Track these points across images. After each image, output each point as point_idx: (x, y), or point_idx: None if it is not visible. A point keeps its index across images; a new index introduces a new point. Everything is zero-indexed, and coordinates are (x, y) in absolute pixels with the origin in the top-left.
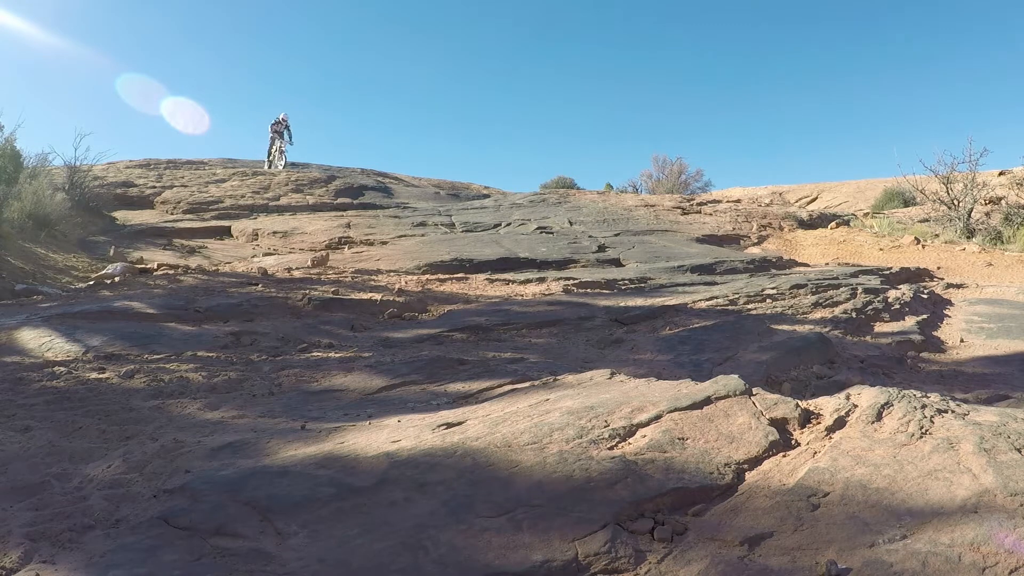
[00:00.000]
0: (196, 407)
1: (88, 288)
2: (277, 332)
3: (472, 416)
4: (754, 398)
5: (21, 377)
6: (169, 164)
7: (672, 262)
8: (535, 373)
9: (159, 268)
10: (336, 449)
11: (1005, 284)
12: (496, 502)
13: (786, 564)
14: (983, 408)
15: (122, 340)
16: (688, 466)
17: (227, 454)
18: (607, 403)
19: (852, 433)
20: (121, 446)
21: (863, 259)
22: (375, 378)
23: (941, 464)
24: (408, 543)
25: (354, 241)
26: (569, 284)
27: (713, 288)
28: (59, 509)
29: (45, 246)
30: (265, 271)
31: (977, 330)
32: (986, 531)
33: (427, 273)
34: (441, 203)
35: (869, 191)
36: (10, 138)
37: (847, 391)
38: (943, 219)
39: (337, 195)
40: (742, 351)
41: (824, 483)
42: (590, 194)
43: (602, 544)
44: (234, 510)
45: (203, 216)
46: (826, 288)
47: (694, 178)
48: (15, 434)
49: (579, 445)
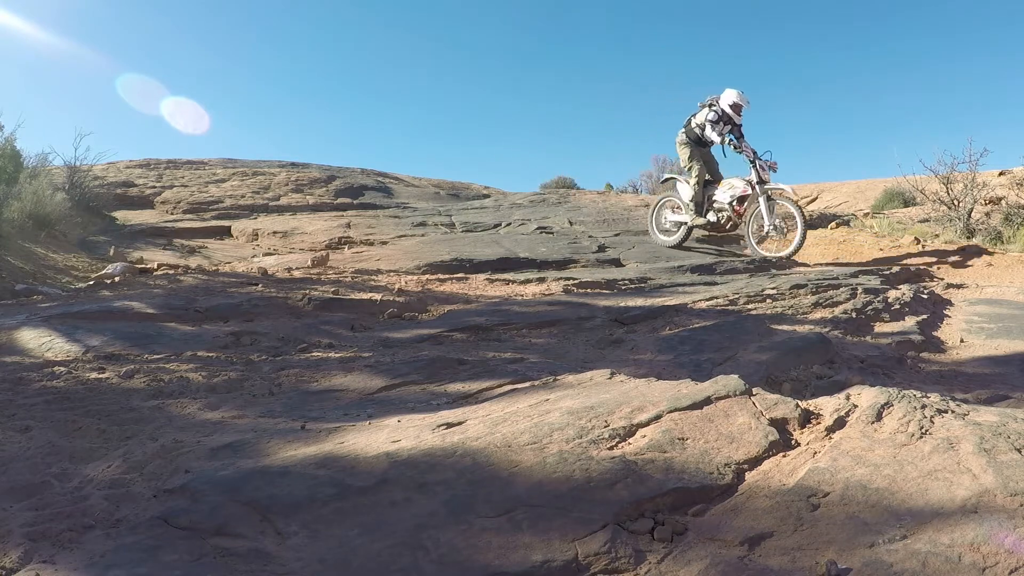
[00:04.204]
0: (196, 407)
1: (88, 288)
2: (277, 332)
3: (472, 416)
4: (754, 398)
5: (21, 377)
6: (169, 164)
7: (672, 262)
8: (535, 373)
9: (159, 268)
10: (336, 449)
11: (1005, 284)
12: (496, 502)
13: (786, 564)
14: (983, 408)
15: (122, 340)
16: (688, 466)
17: (227, 454)
18: (607, 403)
19: (852, 433)
20: (121, 446)
21: (863, 259)
22: (375, 378)
23: (941, 464)
24: (408, 543)
25: (354, 241)
26: (569, 284)
27: (713, 288)
28: (59, 509)
29: (45, 246)
30: (265, 271)
31: (977, 330)
32: (986, 531)
33: (427, 273)
34: (441, 203)
35: (869, 191)
36: (10, 138)
37: (847, 391)
38: (943, 219)
39: (337, 195)
40: (742, 351)
41: (824, 483)
42: (590, 194)
43: (602, 544)
44: (234, 510)
45: (203, 216)
46: (826, 288)
47: None
48: (15, 434)
49: (579, 445)
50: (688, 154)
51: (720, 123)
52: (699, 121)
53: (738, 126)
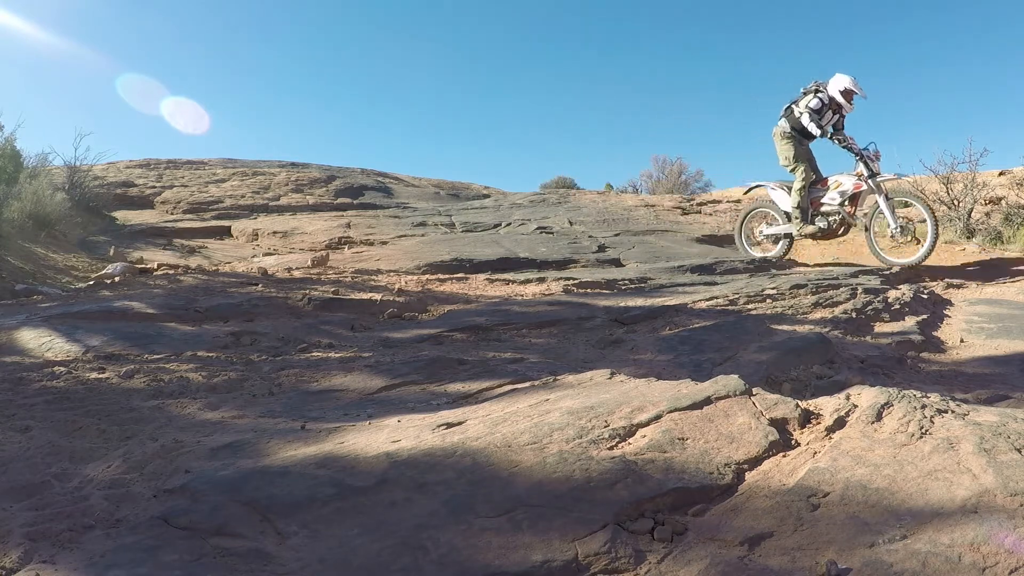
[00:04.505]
0: (196, 407)
1: (88, 288)
2: (277, 332)
3: (472, 416)
4: (754, 398)
5: (21, 377)
6: (169, 164)
7: (672, 262)
8: (535, 373)
9: (159, 268)
10: (336, 449)
11: (1005, 284)
12: (496, 502)
13: (786, 564)
14: (983, 408)
15: (122, 340)
16: (688, 466)
17: (227, 454)
18: (607, 403)
19: (852, 433)
20: (121, 446)
21: (863, 259)
22: (375, 378)
23: (941, 464)
24: (408, 543)
25: (354, 241)
26: (569, 284)
27: (713, 288)
28: (59, 509)
29: (45, 246)
30: (265, 271)
31: (977, 330)
32: (986, 531)
33: (427, 273)
34: (441, 203)
35: None
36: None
37: (847, 391)
38: (943, 219)
39: (337, 195)
40: (742, 351)
41: (824, 483)
42: (590, 194)
43: (602, 544)
44: (234, 510)
45: (203, 216)
46: (826, 288)
47: (694, 178)
48: (15, 434)
49: (579, 445)
50: (792, 152)
51: (823, 113)
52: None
53: (843, 116)
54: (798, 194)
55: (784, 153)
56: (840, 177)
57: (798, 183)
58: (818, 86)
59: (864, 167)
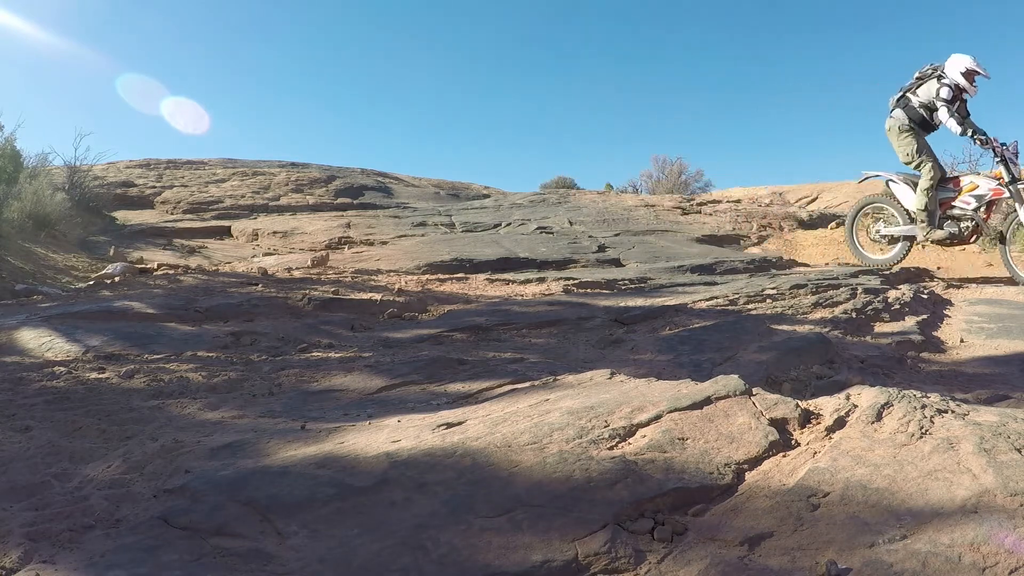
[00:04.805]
0: (196, 407)
1: (88, 288)
2: (277, 332)
3: (472, 416)
4: (754, 398)
5: (21, 377)
6: (169, 164)
7: (672, 262)
8: (535, 373)
9: (159, 268)
10: (336, 449)
11: (1005, 284)
12: (496, 502)
13: (786, 564)
14: (983, 408)
15: (122, 340)
16: (688, 466)
17: (227, 454)
18: (607, 403)
19: (852, 433)
20: (121, 446)
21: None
22: (375, 378)
23: (941, 464)
24: (408, 543)
25: (354, 241)
26: (569, 284)
27: (713, 288)
28: (59, 509)
29: (45, 246)
30: (265, 271)
31: (977, 330)
32: (986, 531)
33: (427, 273)
34: (441, 203)
35: (869, 191)
36: (10, 138)
37: (847, 391)
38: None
39: (337, 195)
40: (742, 351)
41: (824, 483)
42: (590, 194)
43: (602, 544)
44: (234, 510)
45: (203, 216)
46: (826, 288)
47: (694, 178)
48: (15, 434)
49: (579, 445)
50: (915, 145)
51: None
52: (924, 99)
53: (964, 102)
54: (924, 195)
55: (905, 149)
56: (976, 178)
57: (924, 182)
58: (938, 70)
59: (1005, 170)
